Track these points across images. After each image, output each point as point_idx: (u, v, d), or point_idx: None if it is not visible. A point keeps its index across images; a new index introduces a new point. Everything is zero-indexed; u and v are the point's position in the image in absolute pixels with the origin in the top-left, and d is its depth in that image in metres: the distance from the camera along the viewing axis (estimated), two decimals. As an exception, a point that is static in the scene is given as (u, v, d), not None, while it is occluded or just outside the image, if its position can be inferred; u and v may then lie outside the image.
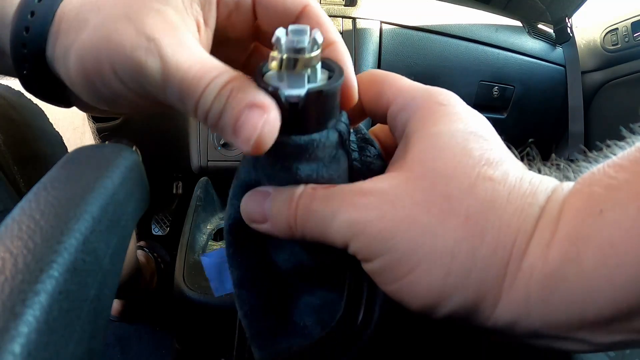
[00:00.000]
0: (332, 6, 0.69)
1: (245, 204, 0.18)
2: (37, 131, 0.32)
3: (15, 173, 0.29)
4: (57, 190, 0.14)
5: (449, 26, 0.73)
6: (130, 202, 0.17)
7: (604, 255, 0.12)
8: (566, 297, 0.13)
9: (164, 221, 0.93)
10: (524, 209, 0.14)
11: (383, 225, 0.15)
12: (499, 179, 0.15)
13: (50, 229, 0.12)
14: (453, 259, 0.14)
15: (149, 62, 0.15)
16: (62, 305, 0.12)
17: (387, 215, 0.15)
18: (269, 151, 0.15)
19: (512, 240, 0.14)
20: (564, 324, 0.14)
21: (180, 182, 0.95)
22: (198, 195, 0.69)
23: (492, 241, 0.14)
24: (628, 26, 0.81)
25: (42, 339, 0.11)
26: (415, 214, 0.15)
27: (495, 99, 0.79)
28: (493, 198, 0.15)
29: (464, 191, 0.15)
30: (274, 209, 0.18)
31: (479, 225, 0.14)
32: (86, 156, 0.17)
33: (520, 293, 0.14)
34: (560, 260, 0.13)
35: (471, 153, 0.15)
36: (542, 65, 0.81)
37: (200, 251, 0.57)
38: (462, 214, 0.14)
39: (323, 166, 0.17)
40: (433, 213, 0.15)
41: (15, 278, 0.11)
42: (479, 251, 0.14)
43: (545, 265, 0.13)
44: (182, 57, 0.15)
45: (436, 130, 0.16)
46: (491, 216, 0.14)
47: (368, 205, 0.15)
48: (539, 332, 0.14)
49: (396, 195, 0.15)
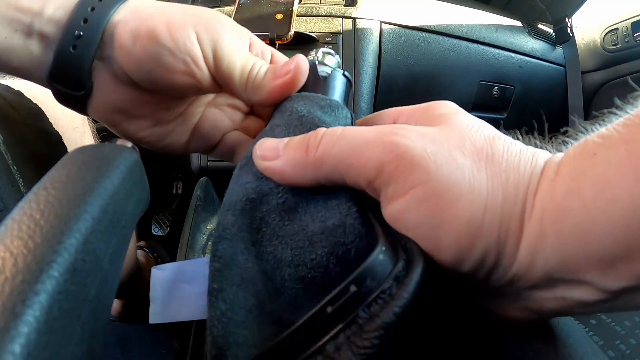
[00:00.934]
0: (332, 6, 0.69)
1: (259, 145, 0.20)
2: (37, 131, 0.32)
3: (14, 173, 0.29)
4: (57, 190, 0.14)
5: (449, 26, 0.73)
6: (130, 202, 0.17)
7: (600, 190, 0.14)
8: (573, 230, 0.14)
9: (164, 221, 0.93)
10: (533, 159, 0.16)
11: (424, 154, 0.16)
12: (510, 141, 0.17)
13: (50, 229, 0.12)
14: (488, 195, 0.15)
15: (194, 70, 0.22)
16: (62, 305, 0.12)
17: (428, 148, 0.16)
18: (296, 98, 0.22)
19: (527, 181, 0.16)
20: (573, 261, 0.14)
21: (180, 182, 0.95)
22: (198, 195, 0.69)
23: (514, 182, 0.16)
24: (628, 26, 0.81)
25: (42, 339, 0.11)
26: (452, 153, 0.16)
27: (495, 99, 0.79)
28: (508, 150, 0.17)
29: (485, 140, 0.17)
30: (290, 142, 0.19)
31: (502, 167, 0.16)
32: (86, 156, 0.17)
33: (536, 226, 0.15)
34: (564, 193, 0.15)
35: (483, 127, 0.18)
36: (542, 65, 0.81)
37: (200, 251, 0.57)
38: (488, 157, 0.16)
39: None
40: (467, 155, 0.16)
41: (15, 278, 0.11)
42: (507, 189, 0.16)
43: (553, 199, 0.15)
44: (241, 49, 0.23)
45: (447, 110, 0.19)
46: (510, 163, 0.16)
47: (410, 136, 0.16)
48: (552, 275, 0.15)
49: (434, 137, 0.17)
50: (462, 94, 0.77)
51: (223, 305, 0.17)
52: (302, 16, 0.67)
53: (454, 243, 0.15)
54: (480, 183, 0.15)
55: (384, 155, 0.16)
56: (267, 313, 0.17)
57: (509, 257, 0.16)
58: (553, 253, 0.15)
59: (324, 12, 0.68)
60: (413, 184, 0.15)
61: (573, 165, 0.15)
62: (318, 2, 0.70)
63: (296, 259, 0.18)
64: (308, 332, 0.14)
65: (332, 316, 0.13)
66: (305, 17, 0.67)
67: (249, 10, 0.63)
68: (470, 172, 0.16)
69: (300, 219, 0.18)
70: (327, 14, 0.68)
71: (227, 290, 0.17)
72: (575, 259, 0.14)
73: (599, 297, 0.15)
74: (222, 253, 0.18)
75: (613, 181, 0.13)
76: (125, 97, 0.24)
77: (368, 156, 0.16)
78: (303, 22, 0.67)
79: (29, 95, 0.34)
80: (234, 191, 0.20)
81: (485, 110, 0.82)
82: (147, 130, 0.26)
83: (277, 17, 0.61)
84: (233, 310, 0.17)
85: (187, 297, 0.20)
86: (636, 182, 0.13)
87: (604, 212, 0.13)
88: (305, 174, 0.18)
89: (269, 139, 0.20)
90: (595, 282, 0.14)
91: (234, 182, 0.21)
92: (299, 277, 0.17)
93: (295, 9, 0.62)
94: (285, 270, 0.18)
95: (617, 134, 0.14)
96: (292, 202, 0.19)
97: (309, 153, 0.18)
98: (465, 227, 0.15)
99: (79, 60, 0.22)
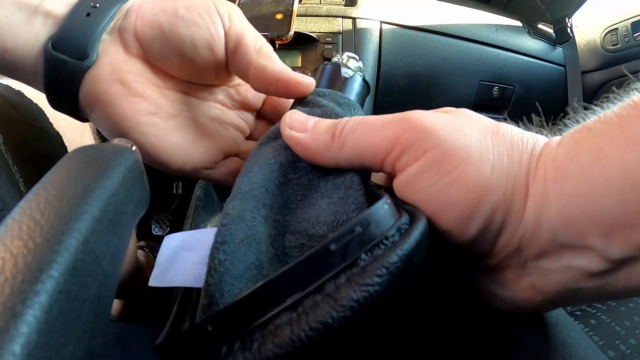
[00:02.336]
0: (332, 6, 0.69)
1: (290, 115, 0.21)
2: (37, 131, 0.32)
3: (14, 172, 0.29)
4: (57, 190, 0.14)
5: (449, 26, 0.73)
6: (130, 202, 0.17)
7: (595, 156, 0.15)
8: (573, 191, 0.15)
9: (164, 221, 0.93)
10: (535, 137, 0.18)
11: (435, 123, 0.17)
12: (514, 126, 0.19)
13: (50, 229, 0.12)
14: (494, 157, 0.17)
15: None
16: (62, 305, 0.12)
17: (438, 119, 0.18)
18: (316, 95, 0.24)
19: (530, 149, 0.17)
20: (575, 222, 0.15)
21: (180, 182, 0.95)
22: (198, 195, 0.69)
23: (518, 149, 0.17)
24: (628, 26, 0.81)
25: (42, 339, 0.11)
26: (460, 125, 0.18)
27: (495, 99, 0.79)
28: (513, 129, 0.18)
29: (492, 123, 0.19)
30: (319, 125, 0.20)
31: (507, 138, 0.18)
32: (86, 156, 0.16)
33: (540, 187, 0.16)
34: (563, 158, 0.16)
35: (487, 119, 0.19)
36: (542, 65, 0.81)
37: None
38: (494, 131, 0.18)
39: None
40: (473, 127, 0.18)
41: (15, 278, 0.11)
42: (511, 154, 0.17)
43: (554, 162, 0.16)
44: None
45: (458, 110, 0.20)
46: (515, 136, 0.18)
47: (420, 115, 0.18)
48: (557, 237, 0.16)
49: (442, 116, 0.18)
50: (462, 94, 0.77)
51: (222, 256, 0.17)
52: (302, 16, 0.67)
53: (464, 198, 0.17)
54: (487, 147, 0.17)
55: (398, 129, 0.18)
56: (264, 276, 0.17)
57: (516, 215, 0.17)
58: (557, 212, 0.16)
59: (324, 12, 0.68)
60: (426, 149, 0.17)
61: (572, 137, 0.17)
62: (318, 2, 0.70)
63: (300, 228, 0.18)
64: (310, 268, 0.13)
65: (336, 254, 0.13)
66: (305, 17, 0.67)
67: (249, 10, 0.63)
68: (477, 139, 0.17)
69: (311, 196, 0.19)
70: (327, 14, 0.68)
71: (229, 243, 0.17)
72: (578, 219, 0.15)
73: (602, 267, 0.15)
74: (230, 210, 0.18)
75: (606, 149, 0.15)
76: (131, 67, 0.23)
77: (384, 134, 0.18)
78: (303, 22, 0.67)
79: (30, 95, 0.34)
80: (251, 160, 0.21)
81: (485, 110, 0.82)
82: (147, 117, 0.24)
83: (277, 17, 0.61)
84: (232, 262, 0.17)
85: (186, 264, 0.19)
86: (627, 149, 0.14)
87: (599, 175, 0.15)
88: (326, 154, 0.19)
89: (299, 112, 0.22)
90: (598, 247, 0.15)
91: (253, 155, 0.22)
92: (299, 245, 0.18)
93: (295, 9, 0.62)
94: (287, 237, 0.18)
95: (611, 112, 0.16)
96: (305, 180, 0.20)
97: (335, 138, 0.19)
98: (474, 183, 0.16)
99: (91, 26, 0.22)
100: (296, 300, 0.13)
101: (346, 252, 0.14)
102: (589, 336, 0.36)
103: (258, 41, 0.24)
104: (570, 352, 0.19)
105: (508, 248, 0.17)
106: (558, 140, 0.17)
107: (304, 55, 0.65)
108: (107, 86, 0.23)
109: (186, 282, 0.18)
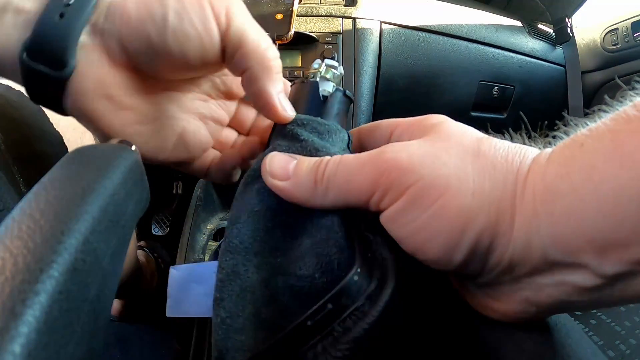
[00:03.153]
0: (332, 6, 0.69)
1: (269, 161, 0.21)
2: (37, 131, 0.32)
3: (15, 172, 0.29)
4: (57, 190, 0.14)
5: (449, 26, 0.73)
6: (130, 202, 0.17)
7: (588, 174, 0.15)
8: (564, 210, 0.15)
9: (164, 221, 0.93)
10: (521, 153, 0.18)
11: (412, 161, 0.17)
12: (497, 141, 0.18)
13: (50, 229, 0.12)
14: (474, 182, 0.17)
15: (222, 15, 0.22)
16: (62, 305, 0.12)
17: (414, 155, 0.18)
18: (294, 125, 0.22)
19: (516, 168, 0.17)
20: (567, 240, 0.15)
21: (180, 182, 0.95)
22: (198, 195, 0.69)
23: (502, 169, 0.17)
24: (628, 26, 0.81)
25: (42, 339, 0.11)
26: (437, 153, 0.18)
27: (495, 99, 0.79)
28: (496, 147, 0.18)
29: (473, 141, 0.18)
30: (299, 169, 0.20)
31: (488, 159, 0.17)
32: (86, 156, 0.17)
33: (529, 206, 0.16)
34: (554, 176, 0.16)
35: (473, 131, 0.19)
36: (542, 65, 0.81)
37: (200, 251, 0.57)
38: (474, 153, 0.18)
39: (338, 152, 0.22)
40: (451, 154, 0.18)
41: (15, 278, 0.11)
42: (494, 176, 0.17)
43: (544, 181, 0.16)
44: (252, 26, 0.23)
45: (440, 120, 0.20)
46: (497, 155, 0.17)
47: (396, 151, 0.18)
48: (549, 256, 0.16)
49: (419, 145, 0.18)
50: (462, 94, 0.77)
51: (223, 313, 0.19)
52: (302, 16, 0.67)
53: (446, 229, 0.17)
54: (466, 174, 0.17)
55: (376, 173, 0.18)
56: (262, 320, 0.19)
57: (503, 237, 0.16)
58: (547, 232, 0.15)
59: (324, 12, 0.68)
60: (406, 187, 0.17)
61: (562, 154, 0.16)
62: (318, 2, 0.70)
63: (289, 270, 0.19)
64: (290, 341, 0.16)
65: (312, 329, 0.16)
66: (305, 17, 0.67)
67: (249, 10, 0.63)
68: (455, 166, 0.17)
69: (298, 236, 0.20)
70: (327, 14, 0.68)
71: (227, 300, 0.19)
72: (570, 238, 0.15)
73: (596, 282, 0.15)
74: (225, 265, 0.20)
75: (599, 166, 0.14)
76: (117, 80, 0.22)
77: (364, 177, 0.18)
78: (303, 22, 0.67)
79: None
80: (238, 206, 0.22)
81: (485, 110, 0.82)
82: (133, 127, 0.23)
83: (277, 17, 0.61)
84: (232, 318, 0.19)
85: (197, 296, 0.22)
86: (621, 166, 0.14)
87: (592, 193, 0.14)
88: (311, 200, 0.20)
89: (278, 155, 0.21)
90: (592, 265, 0.15)
91: (239, 198, 0.22)
92: (289, 286, 0.19)
93: (295, 9, 0.62)
94: (279, 278, 0.19)
95: (604, 126, 0.15)
96: (292, 220, 0.21)
97: (317, 184, 0.19)
98: (455, 213, 0.16)
99: (65, 30, 0.20)
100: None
101: (321, 326, 0.16)
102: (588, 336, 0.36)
103: (261, 43, 0.23)
104: (569, 352, 0.19)
105: (498, 267, 0.17)
106: (547, 155, 0.17)
107: (304, 55, 0.65)
108: (93, 102, 0.22)
109: (199, 313, 0.22)
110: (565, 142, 0.17)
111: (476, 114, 0.81)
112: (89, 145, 0.17)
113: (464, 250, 0.17)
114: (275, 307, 0.19)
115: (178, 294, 0.22)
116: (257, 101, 0.23)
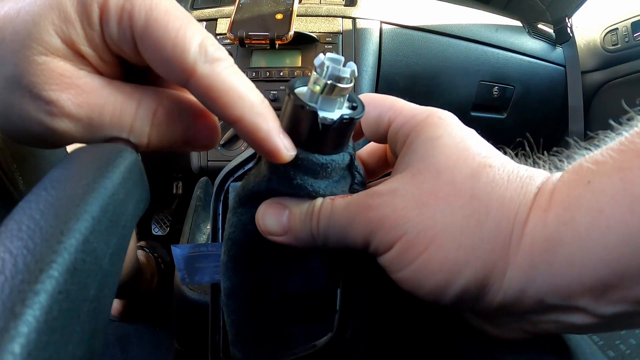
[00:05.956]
0: (332, 6, 0.69)
1: (262, 218, 0.20)
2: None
3: (14, 171, 0.29)
4: (57, 190, 0.14)
5: (449, 26, 0.73)
6: (130, 202, 0.17)
7: (594, 219, 0.14)
8: (565, 259, 0.14)
9: (164, 221, 0.93)
10: (523, 187, 0.16)
11: (397, 216, 0.17)
12: (498, 166, 0.17)
13: (50, 229, 0.12)
14: (462, 233, 0.16)
15: (55, 124, 0.16)
16: (62, 305, 0.12)
17: (398, 207, 0.17)
18: (289, 166, 0.18)
19: (514, 212, 0.16)
20: (566, 289, 0.14)
21: (180, 182, 0.95)
22: (198, 195, 0.69)
23: (497, 215, 0.16)
24: (628, 26, 0.81)
25: (42, 339, 0.11)
26: (424, 200, 0.17)
27: (495, 99, 0.79)
28: (494, 181, 0.16)
29: (467, 177, 0.16)
30: (294, 221, 0.19)
31: (482, 202, 0.16)
32: (86, 156, 0.16)
33: (525, 257, 0.15)
34: (556, 223, 0.15)
35: (470, 148, 0.17)
36: (542, 65, 0.81)
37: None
38: (467, 195, 0.16)
39: (333, 183, 0.19)
40: (440, 197, 0.16)
41: (15, 278, 0.11)
42: (485, 224, 0.16)
43: (545, 229, 0.15)
44: (91, 101, 0.16)
45: (437, 134, 0.18)
46: (494, 195, 0.16)
47: (382, 205, 0.17)
48: (545, 301, 0.15)
49: (405, 190, 0.17)
50: (462, 94, 0.77)
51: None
52: (302, 16, 0.67)
53: (432, 282, 0.16)
54: (454, 223, 0.16)
55: (366, 231, 0.18)
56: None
57: (493, 286, 0.16)
58: (545, 282, 0.15)
59: (324, 12, 0.68)
60: (393, 241, 0.17)
61: (567, 193, 0.15)
62: (318, 2, 0.70)
63: (278, 286, 0.22)
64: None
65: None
66: (305, 17, 0.67)
67: (249, 10, 0.63)
68: (442, 214, 0.16)
69: (286, 264, 0.22)
70: (327, 14, 0.68)
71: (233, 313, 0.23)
72: (568, 287, 0.14)
73: (593, 322, 0.15)
74: (224, 285, 0.22)
75: (607, 211, 0.13)
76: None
77: (355, 234, 0.18)
78: (303, 22, 0.67)
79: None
80: (233, 225, 0.22)
81: (485, 110, 0.82)
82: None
83: (277, 17, 0.61)
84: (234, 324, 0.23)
85: (204, 268, 0.25)
86: (631, 212, 0.13)
87: (597, 241, 0.14)
88: (316, 244, 0.19)
89: (269, 210, 0.19)
90: (589, 308, 0.15)
91: (233, 216, 0.22)
92: (277, 299, 0.22)
93: (295, 9, 0.62)
94: (271, 293, 0.22)
95: (612, 160, 0.14)
96: (283, 251, 0.21)
97: (315, 238, 0.19)
98: (439, 267, 0.16)
99: None
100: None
101: None
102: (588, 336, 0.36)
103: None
104: (569, 352, 0.19)
105: (490, 308, 0.17)
106: (550, 194, 0.15)
107: (304, 55, 0.65)
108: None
109: (211, 280, 0.25)
110: (570, 177, 0.15)
111: (476, 114, 0.81)
112: (89, 145, 0.17)
113: (451, 297, 0.16)
114: (267, 311, 0.22)
115: (185, 267, 0.25)
116: (253, 144, 0.18)
